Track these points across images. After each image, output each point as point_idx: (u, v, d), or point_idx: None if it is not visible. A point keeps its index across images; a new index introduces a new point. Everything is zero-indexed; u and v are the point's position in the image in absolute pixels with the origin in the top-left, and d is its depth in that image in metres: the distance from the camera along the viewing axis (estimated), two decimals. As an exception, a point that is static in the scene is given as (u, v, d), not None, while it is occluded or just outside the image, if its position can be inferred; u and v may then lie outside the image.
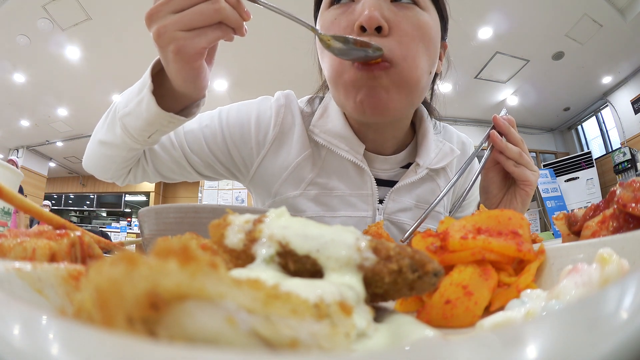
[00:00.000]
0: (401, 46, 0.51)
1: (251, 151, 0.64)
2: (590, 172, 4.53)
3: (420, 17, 0.53)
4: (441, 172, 0.69)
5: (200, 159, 0.65)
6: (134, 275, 0.10)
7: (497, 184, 0.63)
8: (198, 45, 0.43)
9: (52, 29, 3.40)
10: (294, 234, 0.19)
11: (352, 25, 0.51)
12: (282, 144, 0.64)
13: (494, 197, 0.63)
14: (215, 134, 0.64)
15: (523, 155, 0.59)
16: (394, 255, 0.19)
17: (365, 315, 0.17)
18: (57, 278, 0.20)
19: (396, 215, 0.65)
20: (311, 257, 0.19)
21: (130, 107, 0.51)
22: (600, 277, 0.19)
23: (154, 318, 0.11)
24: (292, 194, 0.64)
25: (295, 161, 0.63)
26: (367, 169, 0.63)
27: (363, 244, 0.19)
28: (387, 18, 0.50)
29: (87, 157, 0.65)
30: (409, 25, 0.51)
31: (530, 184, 0.60)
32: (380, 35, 0.50)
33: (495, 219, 0.28)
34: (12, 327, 0.10)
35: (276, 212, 0.22)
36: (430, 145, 0.66)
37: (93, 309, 0.11)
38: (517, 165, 0.59)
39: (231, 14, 0.43)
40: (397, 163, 0.66)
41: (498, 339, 0.10)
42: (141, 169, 0.65)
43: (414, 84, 0.53)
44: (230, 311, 0.11)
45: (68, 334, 0.10)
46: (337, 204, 0.64)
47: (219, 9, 0.42)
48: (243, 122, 0.65)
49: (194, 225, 0.39)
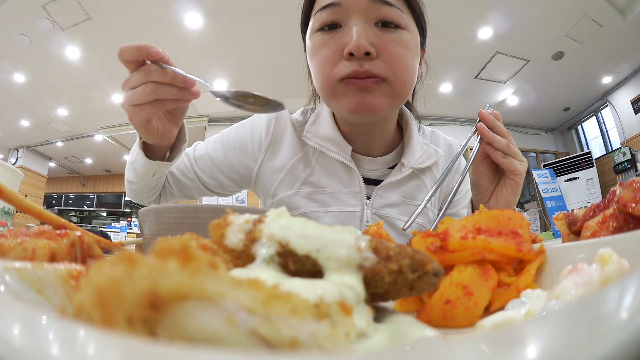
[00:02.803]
0: (389, 66, 0.58)
1: (250, 158, 0.75)
2: (590, 172, 4.53)
3: (402, 37, 0.59)
4: (427, 171, 0.75)
5: (210, 178, 0.77)
6: (134, 275, 0.10)
7: (488, 177, 0.65)
8: (139, 118, 0.53)
9: (52, 29, 3.40)
10: (294, 234, 0.19)
11: (340, 50, 0.58)
12: (275, 150, 0.74)
13: (485, 190, 0.66)
14: (219, 153, 0.76)
15: (510, 146, 0.62)
16: (394, 255, 0.19)
17: (365, 315, 0.17)
18: (57, 278, 0.20)
19: (383, 210, 0.72)
20: (311, 257, 0.19)
21: (133, 157, 0.65)
22: (600, 277, 0.19)
23: (154, 318, 0.11)
24: (288, 193, 0.72)
25: (288, 164, 0.72)
26: (354, 168, 0.70)
27: (363, 244, 0.19)
28: (374, 43, 0.57)
29: (127, 190, 0.78)
30: (394, 46, 0.58)
31: (519, 173, 0.62)
32: (369, 59, 0.57)
33: (495, 219, 0.28)
34: (12, 327, 0.10)
35: (276, 212, 0.22)
36: (415, 147, 0.72)
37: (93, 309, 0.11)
38: (505, 156, 0.62)
39: (165, 91, 0.51)
40: (385, 164, 0.74)
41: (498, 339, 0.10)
42: (168, 192, 0.79)
43: (402, 93, 0.62)
44: (231, 311, 0.11)
45: (68, 334, 0.10)
46: (328, 201, 0.71)
47: (150, 92, 0.51)
48: (240, 137, 0.76)
49: (194, 225, 0.39)
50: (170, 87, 0.51)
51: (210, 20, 3.43)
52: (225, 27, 3.44)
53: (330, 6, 0.59)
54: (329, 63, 0.60)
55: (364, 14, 0.58)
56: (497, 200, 0.65)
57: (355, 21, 0.58)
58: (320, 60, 0.61)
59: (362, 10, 0.58)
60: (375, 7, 0.58)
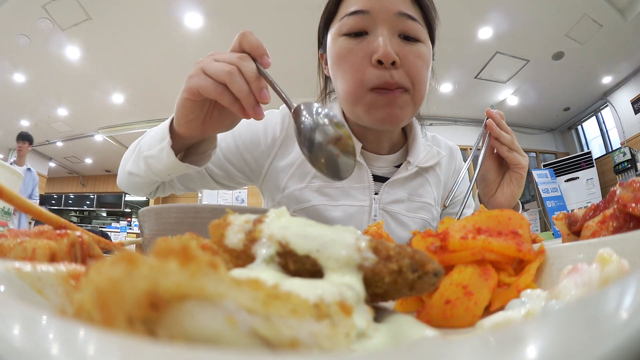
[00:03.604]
0: (409, 76, 0.63)
1: (262, 154, 0.75)
2: (590, 172, 4.53)
3: (421, 49, 0.64)
4: (430, 170, 0.80)
5: (219, 169, 0.75)
6: (134, 275, 0.10)
7: (494, 170, 0.72)
8: (196, 83, 0.47)
9: (52, 29, 3.40)
10: (294, 234, 0.19)
11: (368, 56, 0.62)
12: (288, 145, 0.75)
13: (492, 183, 0.72)
14: (229, 144, 0.74)
15: (514, 141, 0.69)
16: (394, 255, 0.19)
17: (365, 316, 0.17)
18: (57, 278, 0.20)
19: (390, 206, 0.75)
20: (311, 257, 0.19)
21: (153, 152, 0.58)
22: (600, 277, 0.19)
23: (154, 318, 0.11)
24: (298, 187, 0.73)
25: (300, 158, 0.73)
26: (364, 164, 0.73)
27: (363, 244, 0.19)
28: (397, 52, 0.61)
29: (120, 181, 0.73)
30: (414, 58, 0.63)
31: (523, 166, 0.69)
32: (393, 68, 0.61)
33: (495, 219, 0.28)
34: (12, 327, 0.10)
35: (276, 212, 0.22)
36: (419, 148, 0.77)
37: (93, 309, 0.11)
38: (510, 151, 0.68)
39: (237, 84, 0.46)
40: (392, 162, 0.77)
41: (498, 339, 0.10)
42: (168, 184, 0.74)
43: (419, 103, 0.67)
44: (231, 311, 0.11)
45: (68, 334, 0.10)
46: (338, 195, 0.73)
47: (228, 72, 0.46)
48: (252, 130, 0.75)
49: (194, 225, 0.39)
50: (245, 85, 0.47)
51: (210, 20, 3.43)
52: (225, 27, 3.44)
53: (359, 13, 0.63)
54: (358, 70, 0.63)
55: (390, 25, 0.62)
56: (503, 192, 0.71)
57: (382, 31, 0.61)
58: (350, 66, 0.64)
59: (389, 21, 0.62)
60: (400, 20, 0.62)
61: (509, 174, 0.71)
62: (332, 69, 0.68)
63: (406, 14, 0.63)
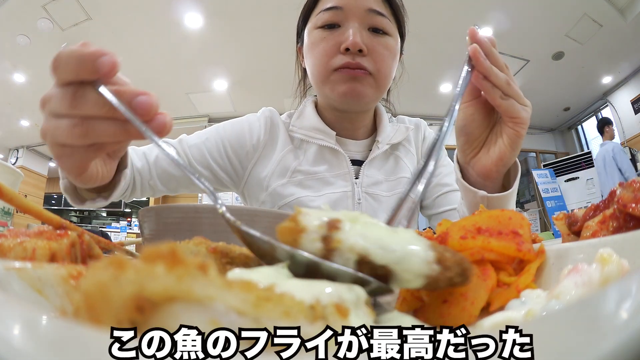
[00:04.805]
0: (376, 63, 0.69)
1: (247, 154, 0.78)
2: (590, 172, 4.53)
3: (388, 42, 0.71)
4: (400, 147, 0.84)
5: (204, 168, 0.76)
6: (121, 279, 0.11)
7: (478, 122, 0.52)
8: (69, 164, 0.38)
9: (52, 29, 3.40)
10: (373, 245, 0.21)
11: (338, 45, 0.68)
12: (270, 146, 0.79)
13: (475, 140, 0.53)
14: (217, 143, 0.77)
15: (511, 84, 0.48)
16: (451, 266, 0.21)
17: (364, 318, 0.17)
18: (57, 278, 0.20)
19: (371, 188, 0.77)
20: (389, 268, 0.20)
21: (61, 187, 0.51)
22: (600, 277, 0.19)
23: (140, 320, 0.11)
24: (280, 182, 0.76)
25: (279, 154, 0.77)
26: (341, 150, 0.76)
27: (431, 255, 0.21)
28: (366, 43, 0.68)
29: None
30: (381, 48, 0.69)
31: (522, 121, 0.49)
32: (360, 55, 0.68)
33: (495, 219, 0.28)
34: (12, 327, 0.10)
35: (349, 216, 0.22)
36: (386, 127, 0.81)
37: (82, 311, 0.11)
38: (504, 97, 0.48)
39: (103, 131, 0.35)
40: (367, 146, 0.82)
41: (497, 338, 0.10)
42: (147, 186, 0.72)
43: (383, 87, 0.73)
44: (219, 313, 0.12)
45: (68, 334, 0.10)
46: (319, 185, 0.76)
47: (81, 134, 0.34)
48: (238, 131, 0.79)
49: (195, 225, 0.39)
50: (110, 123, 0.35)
51: (210, 20, 3.43)
52: (225, 27, 3.44)
53: (333, 9, 0.70)
54: (326, 55, 0.69)
55: (360, 19, 0.69)
56: (489, 152, 0.52)
57: (353, 24, 0.68)
58: (319, 51, 0.70)
59: (359, 16, 0.69)
60: (370, 16, 0.69)
61: (499, 128, 0.51)
62: (306, 57, 0.74)
63: (376, 10, 0.69)
